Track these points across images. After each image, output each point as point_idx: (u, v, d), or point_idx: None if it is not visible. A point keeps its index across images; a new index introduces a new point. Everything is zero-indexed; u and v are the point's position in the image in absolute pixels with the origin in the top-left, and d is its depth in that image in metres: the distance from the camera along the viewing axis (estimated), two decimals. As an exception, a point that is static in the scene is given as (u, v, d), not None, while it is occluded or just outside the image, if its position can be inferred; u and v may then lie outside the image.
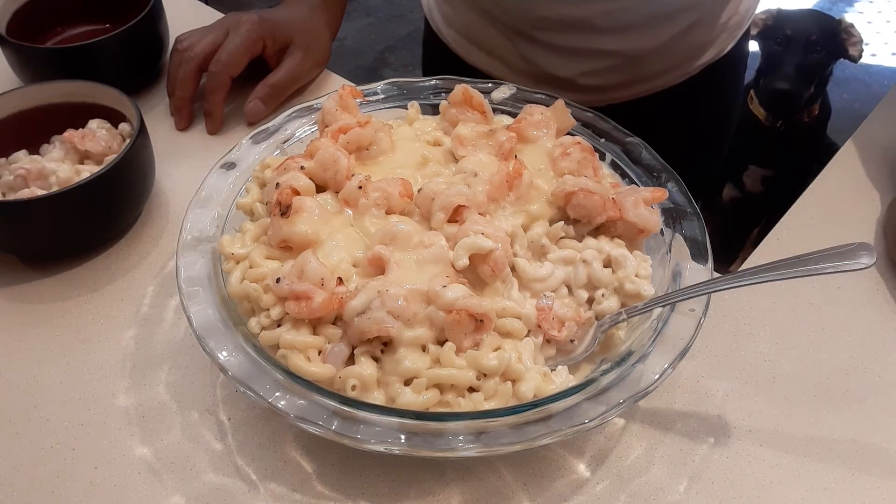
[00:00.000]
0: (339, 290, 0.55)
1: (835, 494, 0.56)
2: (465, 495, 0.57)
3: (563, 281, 0.59)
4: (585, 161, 0.63)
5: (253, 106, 0.86)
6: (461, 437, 0.50)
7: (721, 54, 0.96)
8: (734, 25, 0.96)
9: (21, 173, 0.71)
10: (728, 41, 0.96)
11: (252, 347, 0.54)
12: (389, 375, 0.53)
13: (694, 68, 0.95)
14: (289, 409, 0.51)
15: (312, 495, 0.57)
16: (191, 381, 0.63)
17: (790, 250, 0.71)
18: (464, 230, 0.56)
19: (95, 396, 0.63)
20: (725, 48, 0.97)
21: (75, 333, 0.67)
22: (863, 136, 0.83)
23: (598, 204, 0.60)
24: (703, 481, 0.57)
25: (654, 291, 0.59)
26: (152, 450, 0.59)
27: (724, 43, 0.96)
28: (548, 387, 0.54)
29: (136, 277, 0.71)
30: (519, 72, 0.95)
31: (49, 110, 0.76)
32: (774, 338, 0.65)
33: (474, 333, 0.54)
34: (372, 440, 0.50)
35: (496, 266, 0.56)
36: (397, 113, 0.73)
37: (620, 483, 0.57)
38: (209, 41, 0.85)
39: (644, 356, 0.54)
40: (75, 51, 0.84)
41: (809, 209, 0.75)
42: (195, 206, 0.64)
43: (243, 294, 0.57)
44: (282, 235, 0.58)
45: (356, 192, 0.60)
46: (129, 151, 0.70)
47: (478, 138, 0.65)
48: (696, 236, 0.61)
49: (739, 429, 0.60)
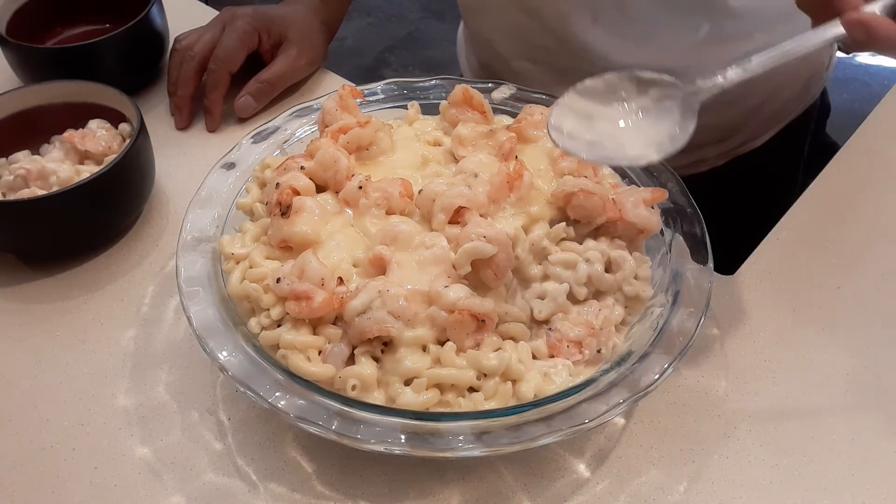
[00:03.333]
0: (339, 290, 0.55)
1: (835, 494, 0.56)
2: (465, 495, 0.57)
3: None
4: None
5: (243, 101, 0.85)
6: (461, 437, 0.50)
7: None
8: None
9: (21, 173, 0.71)
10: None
11: (252, 347, 0.55)
12: (390, 375, 0.53)
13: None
14: (289, 409, 0.51)
15: (312, 495, 0.57)
16: (191, 381, 0.63)
17: (790, 250, 0.72)
18: (465, 234, 0.56)
19: (95, 396, 0.63)
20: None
21: (75, 333, 0.67)
22: (863, 136, 0.83)
23: (598, 205, 0.60)
24: (703, 481, 0.57)
25: (653, 293, 0.59)
26: (152, 450, 0.59)
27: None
28: (548, 387, 0.54)
29: (136, 277, 0.71)
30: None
31: (49, 110, 0.76)
32: (774, 338, 0.65)
33: (475, 333, 0.54)
34: (372, 440, 0.50)
35: (498, 270, 0.56)
36: (397, 113, 0.73)
37: (620, 483, 0.57)
38: (208, 39, 0.85)
39: (644, 356, 0.54)
40: (75, 51, 0.84)
41: (809, 209, 0.75)
42: (195, 206, 0.64)
43: (243, 294, 0.57)
44: (282, 235, 0.58)
45: (356, 193, 0.60)
46: (129, 151, 0.70)
47: (478, 138, 0.65)
48: (696, 236, 0.61)
49: (739, 429, 0.60)
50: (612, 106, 0.56)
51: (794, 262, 0.71)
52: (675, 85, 0.55)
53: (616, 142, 0.56)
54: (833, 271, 0.70)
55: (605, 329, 0.57)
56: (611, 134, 0.56)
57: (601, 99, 0.56)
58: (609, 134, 0.56)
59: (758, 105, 0.92)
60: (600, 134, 0.56)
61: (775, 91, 0.93)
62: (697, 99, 0.54)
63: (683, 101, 0.54)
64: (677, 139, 0.54)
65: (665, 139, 0.54)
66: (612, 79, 0.56)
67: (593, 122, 0.56)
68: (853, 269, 0.70)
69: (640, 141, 0.55)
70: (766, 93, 0.92)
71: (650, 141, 0.55)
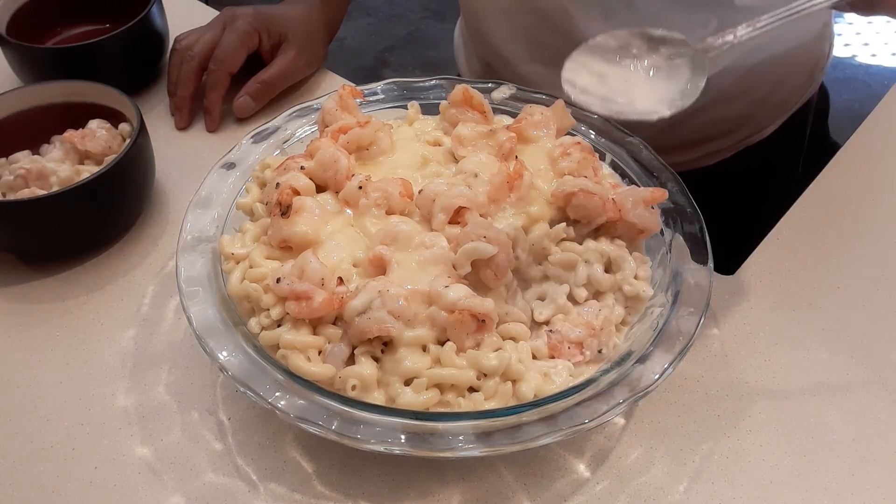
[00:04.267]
0: (339, 289, 0.54)
1: (835, 494, 0.56)
2: (465, 495, 0.57)
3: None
4: (585, 161, 0.63)
5: (242, 101, 0.85)
6: (461, 437, 0.50)
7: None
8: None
9: (21, 173, 0.71)
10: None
11: (252, 347, 0.55)
12: (390, 375, 0.53)
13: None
14: (289, 409, 0.51)
15: (312, 495, 0.57)
16: (191, 381, 0.63)
17: (790, 250, 0.72)
18: (466, 234, 0.56)
19: (95, 396, 0.63)
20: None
21: (75, 333, 0.67)
22: (863, 136, 0.83)
23: (598, 205, 0.60)
24: (703, 481, 0.57)
25: (653, 293, 0.59)
26: (152, 450, 0.59)
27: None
28: (548, 387, 0.54)
29: (136, 277, 0.71)
30: None
31: (49, 110, 0.76)
32: (774, 338, 0.65)
33: (475, 333, 0.54)
34: (372, 440, 0.50)
35: (498, 270, 0.56)
36: (397, 113, 0.73)
37: (620, 483, 0.57)
38: (208, 39, 0.85)
39: (644, 356, 0.54)
40: (75, 51, 0.84)
41: (809, 209, 0.75)
42: (195, 206, 0.64)
43: (243, 294, 0.57)
44: (282, 235, 0.58)
45: (356, 193, 0.60)
46: (129, 151, 0.70)
47: (478, 138, 0.65)
48: (696, 236, 0.61)
49: (739, 429, 0.60)
50: (623, 62, 0.58)
51: (794, 262, 0.71)
52: (686, 42, 0.56)
53: (628, 97, 0.57)
54: (833, 271, 0.70)
55: (606, 329, 0.57)
56: (622, 90, 0.57)
57: (613, 55, 0.58)
58: (621, 90, 0.57)
59: (765, 95, 0.93)
60: (612, 90, 0.57)
61: (781, 81, 0.94)
62: (708, 56, 0.55)
63: (694, 58, 0.55)
64: (687, 95, 0.55)
65: (676, 95, 0.55)
66: (623, 35, 0.58)
67: (606, 77, 0.58)
68: (853, 269, 0.70)
69: (652, 97, 0.56)
70: (772, 83, 0.92)
71: (662, 98, 0.56)
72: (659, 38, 0.57)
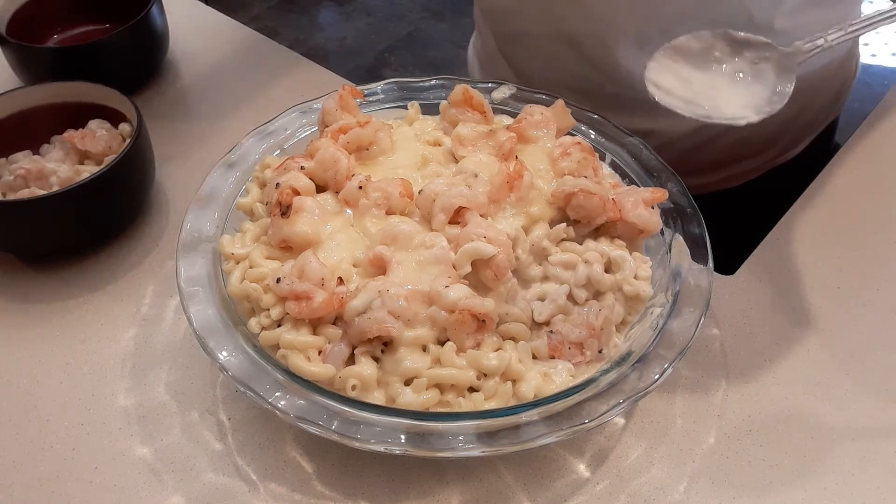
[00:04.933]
0: (339, 289, 0.54)
1: (835, 494, 0.56)
2: (465, 495, 0.57)
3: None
4: (585, 161, 0.63)
5: None
6: (461, 437, 0.50)
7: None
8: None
9: (21, 173, 0.71)
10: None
11: (252, 347, 0.55)
12: (390, 375, 0.53)
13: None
14: (289, 409, 0.51)
15: (312, 495, 0.57)
16: (191, 381, 0.63)
17: (790, 250, 0.72)
18: (466, 234, 0.56)
19: (95, 396, 0.63)
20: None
21: (75, 333, 0.67)
22: (863, 136, 0.83)
23: (598, 205, 0.60)
24: (703, 481, 0.57)
25: (653, 293, 0.59)
26: (152, 450, 0.59)
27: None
28: (548, 387, 0.54)
29: (136, 277, 0.71)
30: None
31: (49, 110, 0.76)
32: (774, 338, 0.65)
33: (476, 333, 0.54)
34: (372, 440, 0.50)
35: (498, 271, 0.56)
36: (397, 113, 0.73)
37: (620, 483, 0.57)
38: None
39: (644, 356, 0.54)
40: (75, 51, 0.84)
41: (809, 209, 0.75)
42: (195, 206, 0.64)
43: (243, 294, 0.57)
44: (282, 235, 0.58)
45: (356, 193, 0.60)
46: (129, 151, 0.70)
47: (478, 138, 0.65)
48: (696, 236, 0.61)
49: (739, 429, 0.60)
50: (707, 65, 0.58)
51: (794, 262, 0.71)
52: (771, 46, 0.55)
53: (713, 102, 0.57)
54: (833, 271, 0.70)
55: (606, 329, 0.57)
56: (707, 94, 0.57)
57: (696, 58, 0.58)
58: (706, 94, 0.57)
59: (794, 115, 0.91)
60: (696, 93, 0.57)
61: (810, 101, 0.92)
62: (795, 60, 0.54)
63: (779, 62, 0.55)
64: (775, 101, 0.55)
65: (762, 101, 0.55)
66: (706, 37, 0.57)
67: (690, 80, 0.58)
68: (853, 269, 0.70)
69: (738, 102, 0.56)
70: (802, 102, 0.91)
71: (747, 103, 0.56)
72: (742, 41, 0.57)
